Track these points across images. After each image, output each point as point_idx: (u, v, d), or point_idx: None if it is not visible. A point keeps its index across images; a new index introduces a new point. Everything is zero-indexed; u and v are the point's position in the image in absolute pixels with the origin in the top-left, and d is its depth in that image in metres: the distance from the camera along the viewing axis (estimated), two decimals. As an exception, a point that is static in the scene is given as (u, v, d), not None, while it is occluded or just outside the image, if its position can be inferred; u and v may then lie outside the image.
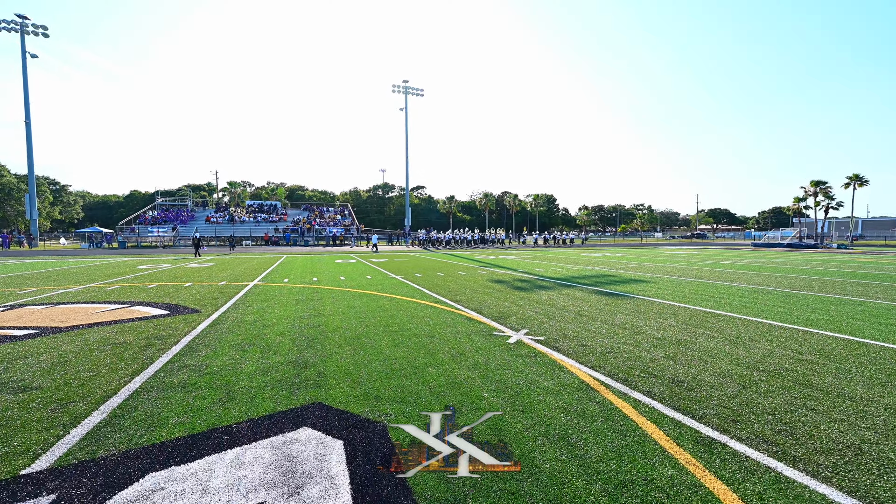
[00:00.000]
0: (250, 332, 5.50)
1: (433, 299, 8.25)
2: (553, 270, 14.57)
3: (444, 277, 12.29)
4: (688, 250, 30.59)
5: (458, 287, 10.06)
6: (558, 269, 14.92)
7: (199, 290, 9.73)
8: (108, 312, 6.96)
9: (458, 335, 5.34)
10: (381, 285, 10.49)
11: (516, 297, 8.41)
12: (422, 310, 7.12)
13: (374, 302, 7.96)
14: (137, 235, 42.20)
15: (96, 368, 4.05)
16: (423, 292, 9.23)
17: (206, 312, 6.93)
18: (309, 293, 9.08)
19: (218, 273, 13.83)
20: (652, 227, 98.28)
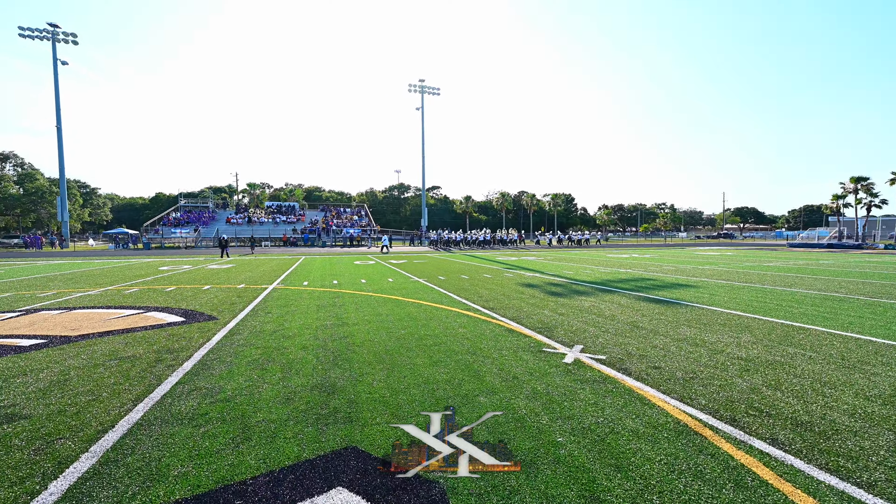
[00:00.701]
0: (269, 345, 4.95)
1: (464, 306, 7.58)
2: (584, 273, 13.70)
3: (469, 281, 11.61)
4: (719, 251, 29.04)
5: (488, 292, 9.36)
6: (589, 272, 14.04)
7: (217, 293, 9.33)
8: (122, 319, 6.55)
9: (502, 352, 4.65)
10: (404, 289, 9.89)
11: (555, 305, 7.66)
12: (454, 319, 6.46)
13: (401, 309, 7.34)
14: (161, 236, 43.00)
15: (97, 391, 3.54)
16: (451, 297, 8.58)
17: (223, 320, 6.45)
18: (330, 298, 8.55)
19: (237, 275, 13.51)
20: (675, 227, 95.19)
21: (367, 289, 10.02)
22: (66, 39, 42.61)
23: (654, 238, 75.72)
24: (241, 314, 6.92)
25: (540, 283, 10.93)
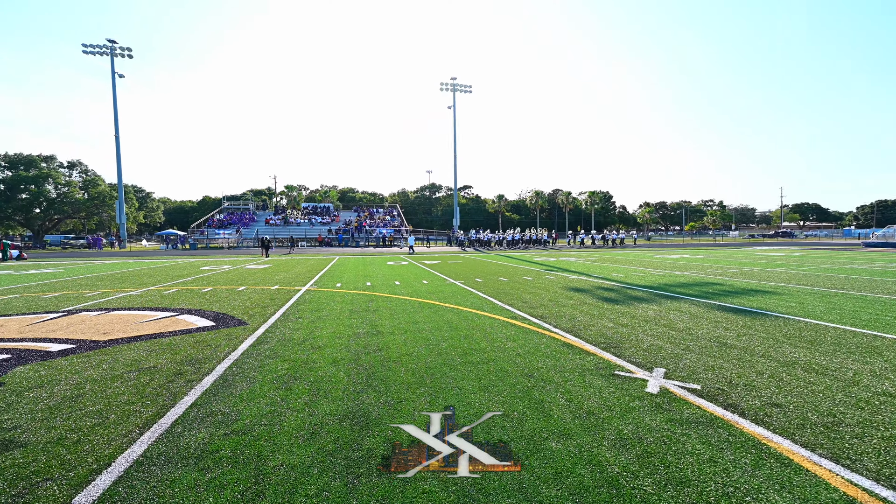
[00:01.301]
0: (297, 358, 4.44)
1: (508, 313, 6.82)
2: (635, 276, 12.50)
3: (509, 284, 10.80)
4: (783, 251, 26.31)
5: (533, 297, 8.53)
6: (640, 275, 12.81)
7: (250, 295, 9.11)
8: (154, 322, 6.34)
9: (565, 374, 3.87)
10: (440, 293, 9.25)
11: (613, 313, 6.74)
12: (500, 329, 5.72)
13: (439, 315, 6.70)
14: (206, 237, 45.11)
15: (106, 412, 3.12)
16: (493, 303, 7.83)
17: (253, 325, 6.07)
18: (363, 302, 8.05)
19: (272, 276, 13.44)
20: (724, 226, 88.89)
21: (401, 292, 9.48)
22: (121, 54, 45.63)
23: (701, 237, 70.99)
24: (271, 319, 6.54)
25: (588, 288, 9.95)
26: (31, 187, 45.39)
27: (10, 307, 7.86)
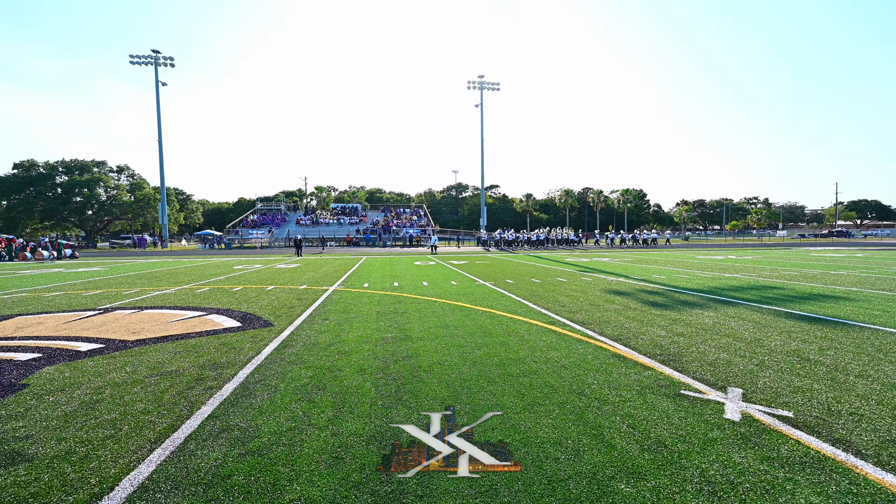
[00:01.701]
0: (322, 365, 4.15)
1: (546, 318, 6.31)
2: (680, 278, 11.59)
3: (543, 286, 10.23)
4: (845, 252, 24.07)
5: (570, 300, 7.95)
6: (686, 277, 11.87)
7: (278, 295, 9.03)
8: (183, 322, 6.28)
9: (622, 393, 3.36)
10: (471, 294, 8.83)
11: (664, 320, 6.09)
12: (540, 336, 5.24)
13: (471, 319, 6.28)
14: (241, 237, 46.76)
15: (120, 422, 2.91)
16: (528, 306, 7.33)
17: (279, 327, 5.88)
18: (391, 303, 7.76)
19: (301, 275, 13.46)
20: (770, 225, 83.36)
21: (429, 293, 9.13)
22: (164, 63, 48.05)
23: (744, 237, 66.84)
24: (298, 320, 6.34)
25: (630, 290, 9.24)
26: (84, 191, 48.57)
27: (53, 304, 8.11)
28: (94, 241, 52.41)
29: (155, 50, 47.63)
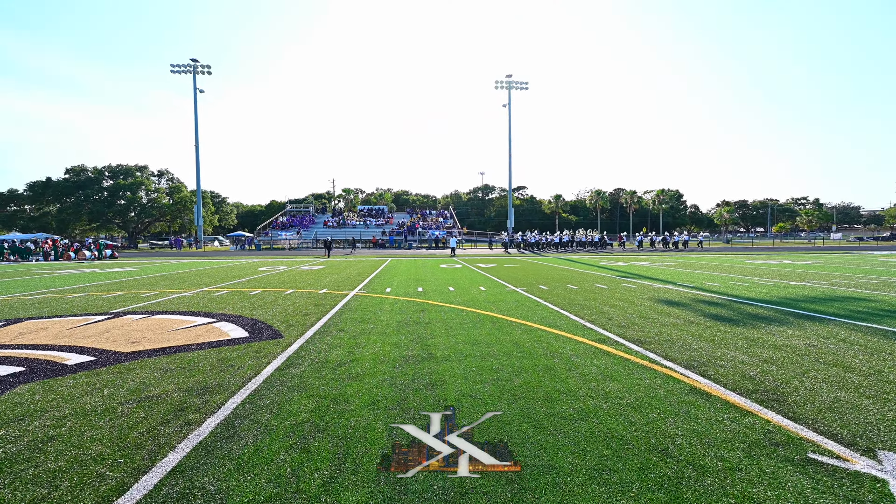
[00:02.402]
0: (328, 393, 3.43)
1: (593, 334, 5.36)
2: (737, 286, 10.23)
3: (581, 293, 9.21)
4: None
5: (617, 311, 6.94)
6: (744, 285, 10.48)
7: (296, 300, 8.49)
8: (188, 331, 5.78)
9: (723, 453, 2.43)
10: (501, 303, 7.96)
11: (740, 340, 5.01)
12: (589, 358, 4.32)
13: (504, 334, 5.43)
14: (270, 238, 47.72)
15: (57, 480, 2.27)
16: (568, 318, 6.39)
17: (288, 339, 5.25)
18: (414, 312, 7.01)
19: (323, 278, 12.99)
20: (822, 227, 77.15)
21: (456, 300, 8.33)
22: (202, 71, 49.88)
23: (792, 240, 62.06)
24: (310, 330, 5.70)
25: (685, 300, 8.08)
26: (126, 194, 51.09)
27: (68, 307, 7.89)
28: (135, 242, 55.08)
29: (194, 59, 49.54)
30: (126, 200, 51.28)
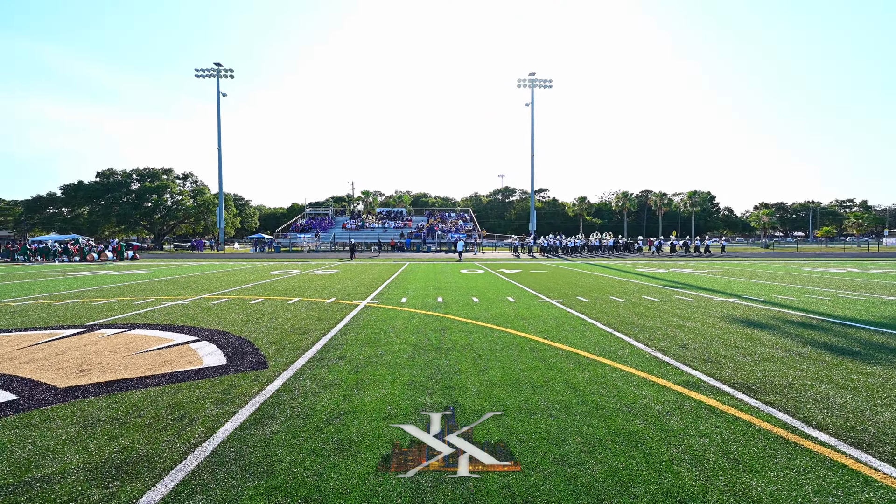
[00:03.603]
0: (298, 481, 2.20)
1: (675, 373, 3.96)
2: (820, 302, 8.50)
3: (630, 307, 7.75)
4: None
5: (690, 336, 5.48)
6: (826, 300, 8.74)
7: (297, 312, 7.39)
8: (154, 355, 4.70)
9: None
10: (538, 320, 6.61)
11: (882, 384, 3.51)
12: (690, 420, 2.94)
13: (553, 369, 4.09)
14: (290, 241, 47.62)
15: None
16: (629, 345, 4.99)
17: (273, 370, 4.09)
18: (433, 331, 5.76)
19: (335, 284, 11.93)
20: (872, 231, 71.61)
21: (482, 315, 7.03)
22: (225, 75, 50.50)
23: (842, 245, 57.63)
24: (304, 357, 4.53)
25: (767, 321, 6.50)
26: (152, 196, 52.16)
27: (46, 317, 7.03)
28: (160, 244, 56.22)
29: (217, 63, 50.23)
30: (152, 203, 52.35)
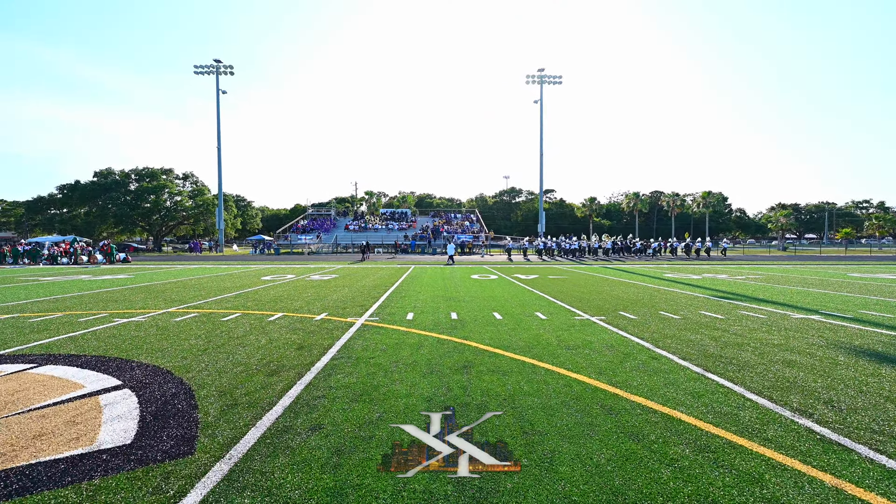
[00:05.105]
0: None
1: (829, 451, 2.30)
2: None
3: (699, 331, 6.08)
4: None
5: (811, 378, 3.83)
6: (889, 313, 7.02)
7: (275, 335, 5.79)
8: (38, 415, 3.12)
9: None
10: (588, 348, 4.97)
11: None
12: None
13: (653, 454, 2.45)
14: (290, 242, 46.19)
15: None
16: (739, 396, 3.34)
17: (197, 461, 2.48)
18: (452, 374, 4.13)
19: (330, 293, 10.33)
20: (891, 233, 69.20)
21: (513, 341, 5.38)
22: (224, 72, 49.29)
23: (868, 248, 55.37)
24: (256, 429, 2.93)
25: (881, 347, 4.82)
26: (151, 197, 50.95)
27: (-48, 342, 5.48)
28: (159, 245, 54.99)
29: (217, 59, 49.00)
30: (150, 203, 51.16)
